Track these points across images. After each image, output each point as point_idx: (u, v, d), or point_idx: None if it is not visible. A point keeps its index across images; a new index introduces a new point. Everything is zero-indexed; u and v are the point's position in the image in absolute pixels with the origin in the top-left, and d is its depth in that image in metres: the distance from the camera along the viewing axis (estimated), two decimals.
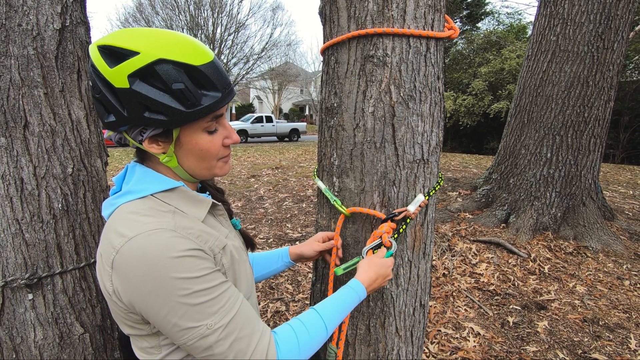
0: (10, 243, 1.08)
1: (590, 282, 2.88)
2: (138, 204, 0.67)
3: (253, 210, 4.99)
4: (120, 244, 0.61)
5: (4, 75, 1.02)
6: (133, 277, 0.60)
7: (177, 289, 0.60)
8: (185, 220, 0.68)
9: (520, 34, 14.57)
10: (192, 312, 0.61)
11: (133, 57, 0.60)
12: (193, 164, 0.72)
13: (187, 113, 0.64)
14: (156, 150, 0.68)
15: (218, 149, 0.73)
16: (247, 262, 0.82)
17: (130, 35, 0.63)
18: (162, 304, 0.60)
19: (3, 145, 1.05)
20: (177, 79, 0.62)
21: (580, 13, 3.38)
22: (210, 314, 0.62)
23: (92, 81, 0.65)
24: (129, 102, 0.62)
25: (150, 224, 0.62)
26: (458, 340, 2.24)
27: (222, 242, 0.72)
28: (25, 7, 1.03)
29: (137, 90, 0.61)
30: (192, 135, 0.69)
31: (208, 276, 0.63)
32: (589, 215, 3.59)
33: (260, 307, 2.67)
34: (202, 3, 22.49)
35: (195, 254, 0.63)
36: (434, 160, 1.00)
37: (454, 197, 4.62)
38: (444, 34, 0.93)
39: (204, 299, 0.62)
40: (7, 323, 1.12)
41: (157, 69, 0.61)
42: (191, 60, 0.63)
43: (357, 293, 0.83)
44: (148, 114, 0.63)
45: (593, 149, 3.58)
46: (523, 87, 3.92)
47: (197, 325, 0.61)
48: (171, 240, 0.61)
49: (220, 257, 0.70)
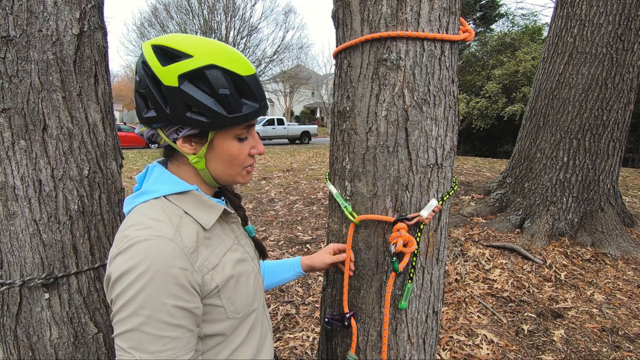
0: (28, 243, 1.11)
1: (609, 290, 2.80)
2: (150, 205, 0.69)
3: (264, 213, 5.01)
4: (123, 243, 0.63)
5: (25, 79, 1.05)
6: (119, 271, 0.61)
7: (140, 304, 0.59)
8: (189, 228, 0.68)
9: (535, 35, 14.31)
10: (133, 335, 0.59)
11: (186, 59, 0.64)
12: (219, 169, 0.75)
13: (227, 118, 0.68)
14: (188, 150, 0.71)
15: (245, 157, 0.75)
16: (251, 274, 0.80)
17: (185, 39, 0.67)
18: (121, 308, 0.60)
19: (23, 148, 1.07)
20: (224, 85, 0.66)
21: (598, 14, 3.30)
22: (144, 349, 0.59)
23: (140, 76, 0.68)
24: (174, 100, 0.65)
25: (152, 230, 0.64)
26: (471, 347, 2.20)
27: (212, 262, 0.70)
28: (46, 13, 1.06)
29: (185, 90, 0.65)
30: (225, 140, 0.72)
31: (172, 309, 0.61)
32: (607, 221, 3.49)
33: (270, 309, 2.67)
34: (215, 7, 22.83)
35: (181, 276, 0.62)
36: (448, 165, 0.98)
37: (466, 201, 4.55)
38: (458, 37, 0.92)
39: (151, 330, 0.59)
40: (24, 322, 1.15)
41: (207, 73, 0.65)
42: (238, 70, 0.67)
43: None
44: (190, 114, 0.66)
45: (612, 153, 3.48)
46: (539, 89, 3.84)
47: (128, 351, 0.59)
48: (165, 251, 0.62)
49: (210, 278, 0.69)
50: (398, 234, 0.91)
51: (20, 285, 1.11)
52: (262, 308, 0.86)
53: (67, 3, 1.09)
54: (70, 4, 1.10)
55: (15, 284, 1.11)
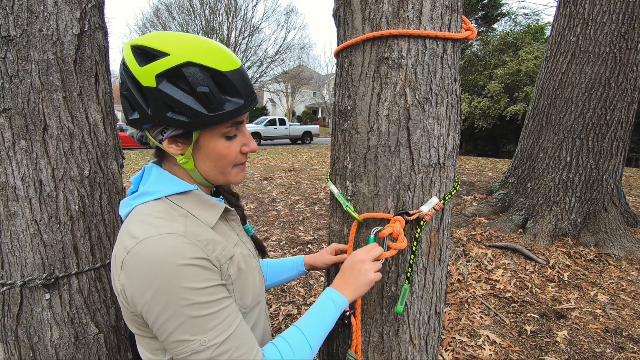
0: (29, 243, 1.11)
1: (613, 291, 2.78)
2: (152, 206, 0.68)
3: (265, 213, 5.01)
4: (131, 245, 0.61)
5: (25, 79, 1.05)
6: (138, 278, 0.60)
7: (178, 297, 0.59)
8: (196, 226, 0.68)
9: (537, 34, 14.25)
10: (189, 324, 0.60)
11: (163, 58, 0.62)
12: (208, 168, 0.73)
13: (209, 117, 0.65)
14: (174, 150, 0.70)
15: (235, 155, 0.73)
16: (255, 270, 0.81)
17: (163, 37, 0.65)
18: (161, 310, 0.60)
19: (23, 148, 1.07)
20: (202, 83, 0.63)
21: (601, 13, 3.28)
22: (206, 329, 0.61)
23: (122, 78, 0.67)
24: (154, 100, 0.64)
25: (162, 228, 0.63)
26: (473, 348, 2.19)
27: (229, 251, 0.71)
28: (46, 12, 1.06)
29: (163, 90, 0.63)
30: (211, 139, 0.70)
31: (211, 289, 0.62)
32: (611, 221, 3.47)
33: (272, 310, 2.67)
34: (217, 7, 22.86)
35: (201, 263, 0.62)
36: (450, 165, 0.97)
37: (469, 201, 4.54)
38: (461, 35, 0.91)
39: (203, 312, 0.61)
40: (25, 322, 1.15)
41: (184, 71, 0.63)
42: (218, 66, 0.64)
43: (334, 303, 0.79)
44: (171, 114, 0.64)
45: (615, 153, 3.46)
46: (541, 89, 3.82)
47: (191, 339, 0.60)
48: (180, 246, 0.61)
49: (227, 268, 0.69)
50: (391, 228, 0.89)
51: (21, 285, 1.11)
52: (264, 304, 0.86)
53: (67, 3, 1.09)
54: (70, 4, 1.10)
55: (16, 285, 1.10)
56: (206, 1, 22.65)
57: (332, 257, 1.03)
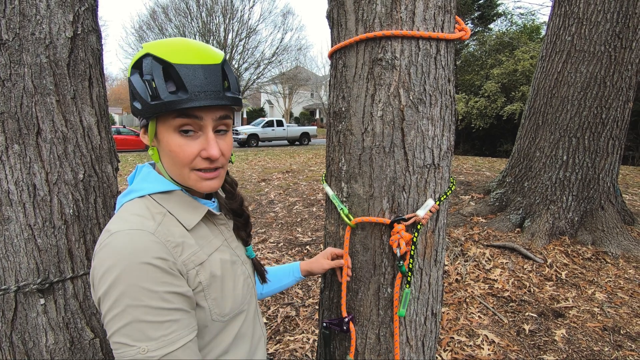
0: (23, 248, 1.10)
1: (610, 289, 2.79)
2: (135, 203, 0.70)
3: (263, 214, 5.00)
4: (104, 238, 0.63)
5: (18, 83, 1.04)
6: (102, 269, 0.60)
7: (131, 295, 0.58)
8: (171, 226, 0.68)
9: (533, 34, 14.31)
10: (133, 327, 0.58)
11: (138, 52, 0.70)
12: (167, 165, 0.72)
13: (150, 105, 0.67)
14: (145, 141, 0.74)
15: (189, 156, 0.69)
16: (241, 277, 0.78)
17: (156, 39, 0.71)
18: (112, 304, 0.58)
19: (16, 152, 1.06)
20: (150, 72, 0.67)
21: (596, 12, 3.29)
22: (149, 337, 0.58)
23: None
24: (130, 90, 0.71)
25: (133, 223, 0.64)
26: (472, 348, 2.19)
27: (199, 257, 0.69)
28: (39, 16, 1.05)
29: (131, 79, 0.70)
30: (165, 133, 0.69)
31: (165, 295, 0.60)
32: (608, 220, 3.48)
33: (270, 312, 2.66)
34: (214, 9, 22.85)
35: (163, 265, 0.61)
36: (445, 165, 0.97)
37: (466, 200, 4.54)
38: (454, 35, 0.91)
39: (150, 318, 0.59)
40: (19, 327, 1.14)
41: (143, 61, 0.68)
42: (170, 58, 0.66)
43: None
44: (134, 103, 0.70)
45: (611, 151, 3.47)
46: (537, 88, 3.84)
47: (132, 344, 0.58)
48: (146, 243, 0.62)
49: (196, 274, 0.68)
50: (399, 236, 0.90)
51: (15, 290, 1.10)
52: (253, 313, 0.84)
53: (60, 6, 1.09)
54: (63, 7, 1.09)
55: (10, 290, 1.09)
56: (203, 3, 22.63)
57: (328, 262, 1.03)
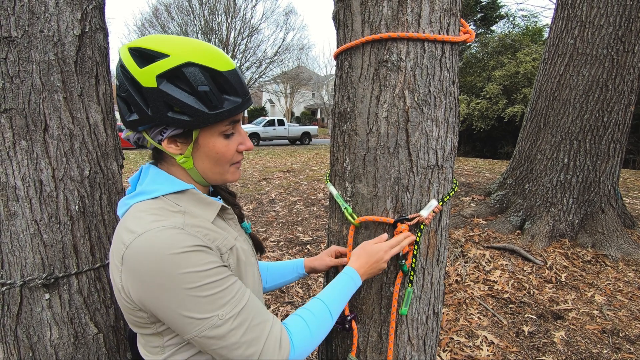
0: (29, 243, 1.11)
1: (610, 292, 2.79)
2: (149, 204, 0.69)
3: (264, 213, 5.01)
4: (130, 239, 0.62)
5: (26, 80, 1.05)
6: (141, 272, 0.61)
7: (185, 282, 0.61)
8: (195, 220, 0.69)
9: (536, 36, 14.30)
10: (203, 303, 0.62)
11: (163, 59, 0.64)
12: (207, 167, 0.74)
13: (210, 115, 0.67)
14: (174, 150, 0.71)
15: (232, 153, 0.75)
16: (255, 266, 0.82)
17: (161, 39, 0.66)
18: (170, 298, 0.61)
19: (24, 148, 1.07)
20: (203, 82, 0.65)
21: (599, 15, 3.30)
22: (221, 304, 0.63)
23: (120, 80, 0.68)
24: (155, 101, 0.65)
25: (160, 222, 0.64)
26: (471, 348, 2.20)
27: (230, 242, 0.73)
28: (47, 14, 1.06)
29: (164, 90, 0.64)
30: (210, 138, 0.71)
31: (215, 269, 0.64)
32: (608, 223, 3.49)
33: (271, 310, 2.67)
34: (216, 8, 22.85)
35: (201, 249, 0.64)
36: (449, 166, 0.98)
37: (467, 202, 4.55)
38: (459, 38, 0.92)
39: (214, 290, 0.63)
40: (24, 322, 1.15)
41: (184, 71, 0.64)
42: (216, 66, 0.67)
43: (353, 281, 0.86)
44: (171, 114, 0.66)
45: (612, 155, 3.48)
46: (539, 91, 3.84)
47: (208, 316, 0.62)
48: (178, 236, 0.63)
49: (227, 257, 0.71)
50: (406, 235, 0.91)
51: (20, 285, 1.11)
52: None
53: (68, 4, 1.10)
54: (71, 5, 1.10)
55: (16, 284, 1.11)
56: (205, 1, 22.64)
57: (332, 259, 1.04)
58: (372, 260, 0.88)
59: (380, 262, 0.88)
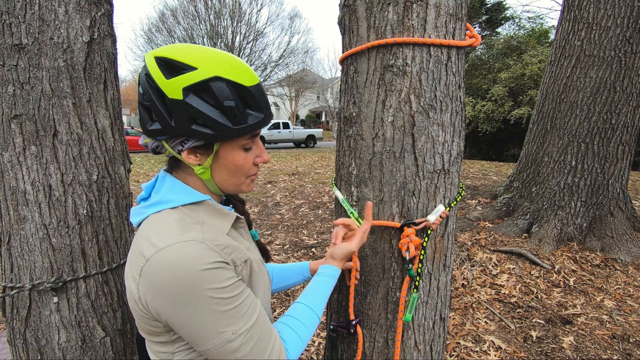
0: (37, 247, 1.12)
1: (620, 297, 2.75)
2: (167, 215, 0.69)
3: (269, 217, 5.02)
4: (151, 253, 0.63)
5: (36, 86, 1.07)
6: (163, 286, 0.61)
7: (208, 298, 0.62)
8: (212, 232, 0.69)
9: (542, 38, 14.21)
10: (221, 318, 0.64)
11: (190, 72, 0.64)
12: (224, 179, 0.75)
13: (233, 130, 0.68)
14: (193, 161, 0.71)
15: (250, 166, 0.76)
16: (265, 274, 0.83)
17: (189, 50, 0.66)
18: (190, 314, 0.62)
19: (33, 153, 1.09)
20: (229, 97, 0.66)
21: (606, 17, 3.27)
22: (236, 319, 0.65)
23: (144, 89, 0.68)
24: (179, 113, 0.65)
25: (181, 236, 0.64)
26: (478, 353, 2.17)
27: (245, 255, 0.74)
28: (57, 21, 1.08)
29: (190, 102, 0.64)
30: (230, 151, 0.72)
31: (233, 285, 0.66)
32: (617, 226, 3.44)
33: (276, 314, 2.67)
34: (222, 12, 23.04)
35: (221, 265, 0.65)
36: (455, 171, 0.98)
37: (473, 205, 4.52)
38: (465, 42, 0.92)
39: (231, 306, 0.65)
40: (33, 325, 1.16)
41: (212, 85, 0.65)
42: (242, 81, 0.67)
43: (333, 277, 0.88)
44: (195, 126, 0.66)
45: (621, 157, 3.44)
46: (546, 93, 3.82)
47: (224, 331, 0.64)
48: (200, 252, 0.63)
49: (241, 269, 0.72)
50: (408, 240, 0.91)
51: (29, 289, 1.12)
52: (269, 312, 0.87)
53: (77, 11, 1.11)
54: (80, 12, 1.12)
55: (25, 288, 1.12)
56: (211, 6, 22.84)
57: None
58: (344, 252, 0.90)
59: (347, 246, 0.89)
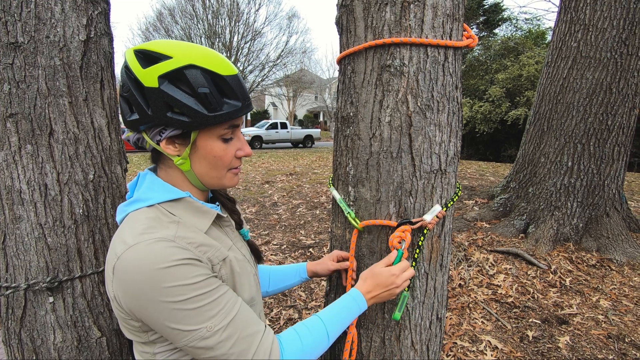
0: (33, 247, 1.11)
1: (615, 297, 2.77)
2: (144, 213, 0.69)
3: (267, 217, 5.01)
4: (122, 250, 0.63)
5: (32, 85, 1.06)
6: (130, 284, 0.62)
7: (170, 296, 0.61)
8: (187, 231, 0.69)
9: (539, 39, 14.29)
10: (191, 316, 0.63)
11: (165, 60, 0.65)
12: (204, 171, 0.74)
13: (209, 117, 0.68)
14: (172, 151, 0.71)
15: (230, 158, 0.75)
16: (251, 274, 0.81)
17: (166, 43, 0.68)
18: (158, 310, 0.62)
19: (29, 153, 1.08)
20: (204, 84, 0.67)
21: (602, 19, 3.30)
22: (209, 317, 0.64)
23: (123, 80, 0.69)
24: (155, 101, 0.66)
25: (151, 234, 0.64)
26: (475, 353, 2.18)
27: (222, 253, 0.73)
28: (53, 19, 1.07)
29: (165, 90, 0.65)
30: (208, 141, 0.72)
31: (204, 282, 0.65)
32: (613, 227, 3.47)
33: (273, 314, 2.67)
34: (219, 12, 23.00)
35: (190, 262, 0.64)
36: (452, 171, 0.98)
37: (470, 205, 4.53)
38: (462, 43, 0.92)
39: (202, 303, 0.63)
40: (28, 325, 1.15)
41: (186, 73, 0.66)
42: (218, 70, 0.68)
43: (357, 303, 0.83)
44: (171, 114, 0.67)
45: (617, 158, 3.46)
46: (542, 94, 3.83)
47: (197, 328, 0.63)
48: (168, 250, 0.63)
49: (220, 268, 0.71)
50: (402, 235, 0.90)
51: (25, 288, 1.11)
52: (259, 312, 0.86)
53: (74, 10, 1.11)
54: (77, 11, 1.11)
55: (20, 288, 1.11)
56: (209, 5, 22.79)
57: (334, 264, 1.04)
58: (381, 283, 0.84)
59: (391, 287, 0.84)
